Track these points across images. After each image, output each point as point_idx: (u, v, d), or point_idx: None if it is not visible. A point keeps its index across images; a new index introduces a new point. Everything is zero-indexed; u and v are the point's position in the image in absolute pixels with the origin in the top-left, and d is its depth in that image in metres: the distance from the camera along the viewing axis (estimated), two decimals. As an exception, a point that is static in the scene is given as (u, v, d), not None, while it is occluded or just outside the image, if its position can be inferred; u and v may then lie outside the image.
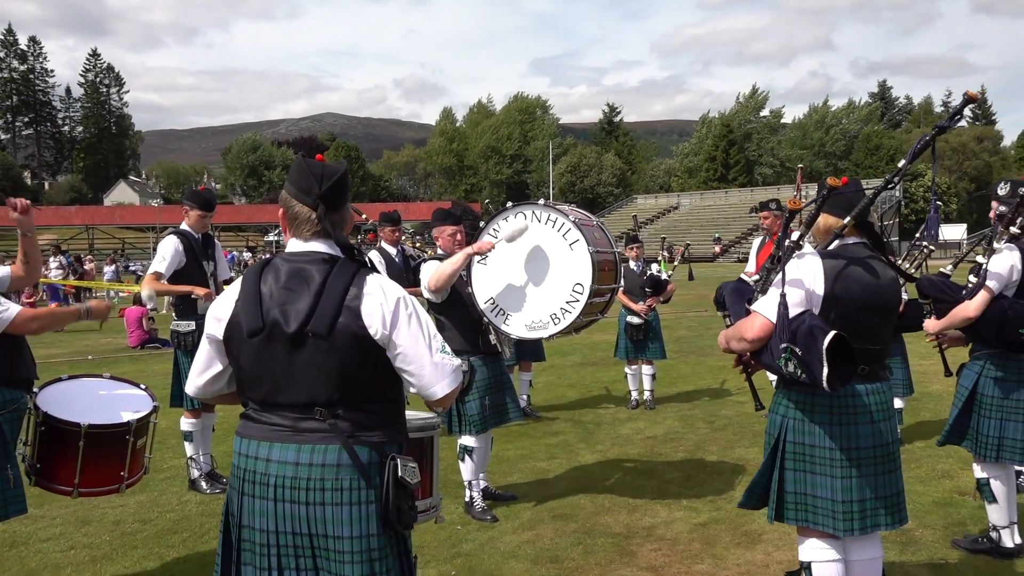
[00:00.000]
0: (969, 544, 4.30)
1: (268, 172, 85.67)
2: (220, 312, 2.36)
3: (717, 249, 52.72)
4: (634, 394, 8.41)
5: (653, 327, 8.23)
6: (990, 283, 3.93)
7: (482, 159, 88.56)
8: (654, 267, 8.42)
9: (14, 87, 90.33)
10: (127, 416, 4.01)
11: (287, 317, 2.25)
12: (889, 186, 3.01)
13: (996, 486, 4.15)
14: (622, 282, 4.99)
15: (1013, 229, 3.98)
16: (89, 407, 4.00)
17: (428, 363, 2.31)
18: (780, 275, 2.98)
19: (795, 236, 3.14)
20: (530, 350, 8.02)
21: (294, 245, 2.39)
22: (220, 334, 2.35)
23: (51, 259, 28.30)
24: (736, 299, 3.28)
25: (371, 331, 2.24)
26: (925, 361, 8.42)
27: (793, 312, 2.96)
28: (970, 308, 3.97)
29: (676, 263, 13.58)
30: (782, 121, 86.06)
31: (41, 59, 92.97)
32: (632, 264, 8.31)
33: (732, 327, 3.21)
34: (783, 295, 2.94)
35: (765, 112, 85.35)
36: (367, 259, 2.46)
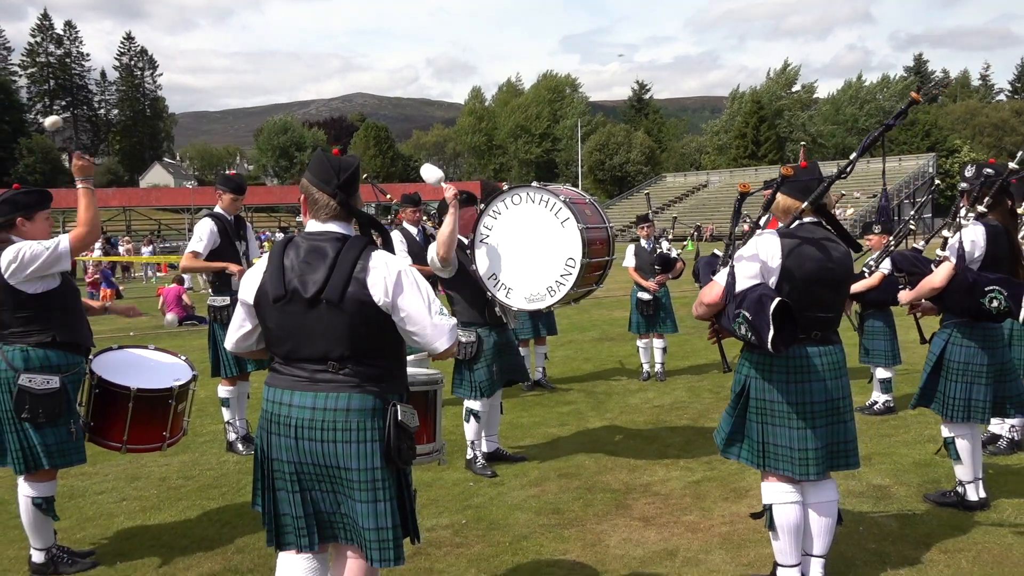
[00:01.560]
0: (938, 498, 4.66)
1: (299, 153, 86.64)
2: (251, 281, 2.81)
3: (746, 227, 52.43)
4: (645, 367, 8.80)
5: (663, 303, 8.59)
6: (953, 256, 4.26)
7: (511, 138, 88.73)
8: (664, 245, 8.76)
9: (51, 71, 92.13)
10: (170, 382, 4.48)
11: (305, 286, 2.67)
12: (842, 176, 3.35)
13: (961, 444, 4.50)
14: (614, 255, 5.35)
15: (980, 207, 4.30)
16: (137, 373, 4.48)
17: (428, 324, 2.72)
18: (736, 249, 3.37)
19: (763, 220, 3.51)
20: (544, 325, 8.43)
21: (313, 226, 2.82)
22: (251, 299, 2.80)
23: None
24: (706, 271, 3.67)
25: (375, 299, 2.66)
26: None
27: (750, 283, 3.34)
28: (936, 279, 4.31)
29: (702, 241, 13.86)
30: (814, 96, 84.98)
31: (77, 43, 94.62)
32: (643, 242, 8.67)
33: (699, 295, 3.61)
34: (732, 266, 3.34)
35: (797, 87, 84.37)
36: (387, 234, 2.89)
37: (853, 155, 3.31)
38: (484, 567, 4.05)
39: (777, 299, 3.21)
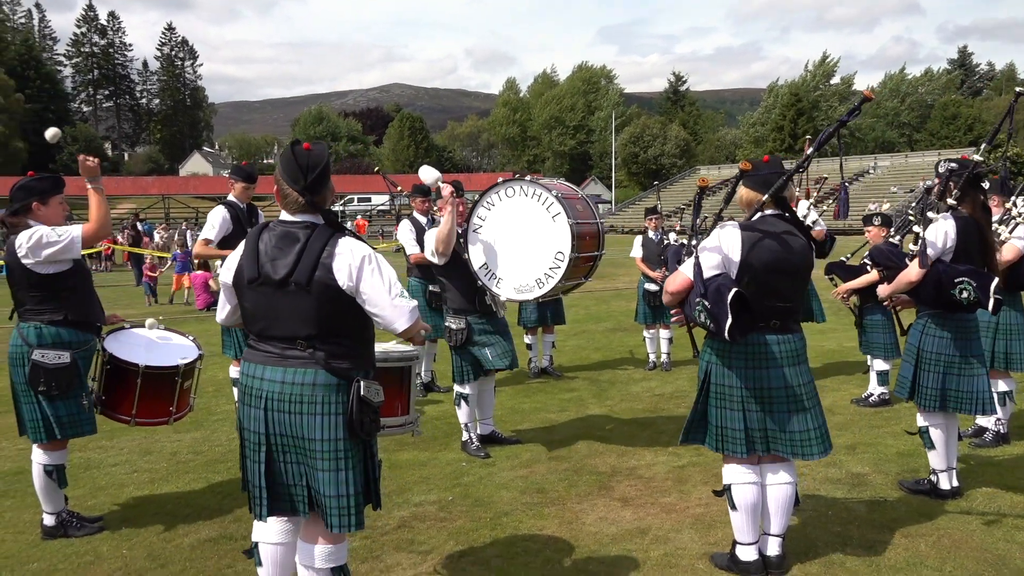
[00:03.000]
0: (912, 485, 4.77)
1: (334, 143, 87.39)
2: (231, 263, 3.05)
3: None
4: (651, 356, 8.94)
5: (670, 294, 8.69)
6: (927, 251, 4.36)
7: (545, 130, 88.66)
8: (672, 236, 8.88)
9: (95, 61, 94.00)
10: (177, 360, 4.75)
11: (276, 269, 2.90)
12: (799, 170, 3.49)
13: (935, 433, 4.61)
14: (604, 250, 5.51)
15: (950, 200, 4.40)
16: (146, 351, 4.75)
17: (388, 305, 2.93)
18: (699, 241, 3.53)
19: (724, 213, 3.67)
20: (552, 314, 8.61)
21: (284, 215, 3.04)
22: (230, 280, 3.04)
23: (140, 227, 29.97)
24: (673, 260, 3.84)
25: (340, 282, 2.88)
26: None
27: (711, 273, 3.50)
28: (911, 273, 4.42)
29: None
30: (852, 88, 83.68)
31: (120, 33, 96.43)
32: (651, 234, 8.80)
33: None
34: (697, 257, 3.50)
35: (836, 80, 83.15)
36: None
37: (810, 150, 3.45)
38: (463, 539, 4.26)
39: (734, 289, 3.37)
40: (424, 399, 7.50)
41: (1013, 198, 5.50)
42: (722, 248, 3.56)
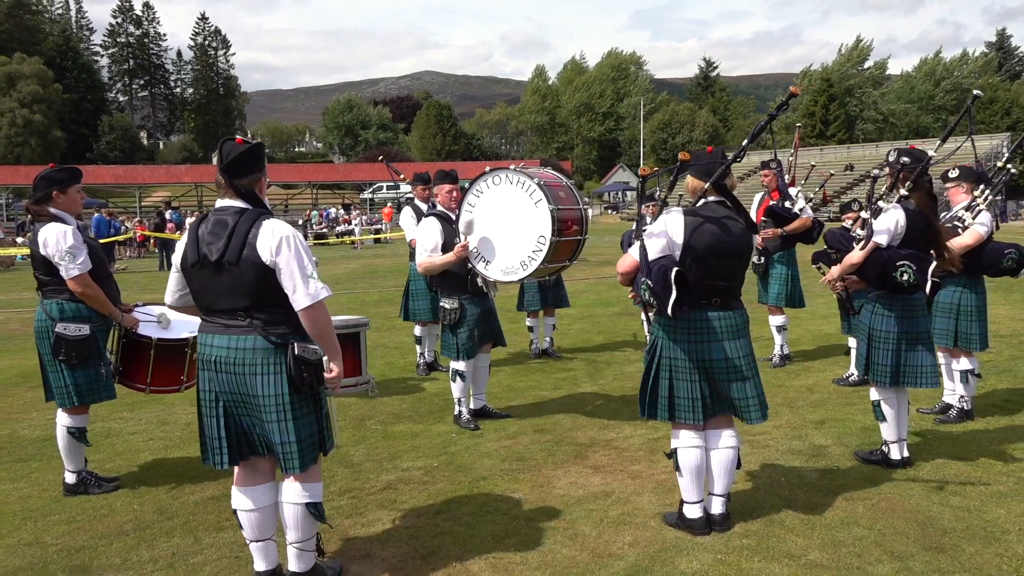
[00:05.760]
0: (866, 455, 5.08)
1: (364, 132, 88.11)
2: (179, 249, 3.51)
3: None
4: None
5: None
6: (878, 237, 4.66)
7: (574, 116, 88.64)
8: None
9: (130, 51, 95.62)
10: (186, 334, 5.20)
11: (211, 252, 3.33)
12: (737, 159, 3.81)
13: (885, 407, 4.91)
14: (588, 235, 5.85)
15: (902, 191, 4.69)
16: (159, 327, 5.22)
17: (299, 283, 3.30)
18: (647, 226, 3.87)
19: (669, 199, 3.99)
20: (553, 297, 8.96)
21: (219, 203, 3.47)
22: (178, 264, 3.51)
23: (166, 214, 30.78)
24: (626, 244, 4.19)
25: (264, 259, 3.29)
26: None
27: (656, 255, 3.85)
28: (855, 256, 4.73)
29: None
30: (886, 73, 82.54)
31: (155, 23, 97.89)
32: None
33: None
34: (643, 241, 3.85)
35: (869, 64, 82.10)
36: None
37: (744, 142, 3.77)
38: (440, 500, 4.66)
39: (675, 269, 3.72)
40: (427, 377, 7.91)
41: (981, 186, 5.74)
42: (667, 232, 3.90)
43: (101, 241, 21.79)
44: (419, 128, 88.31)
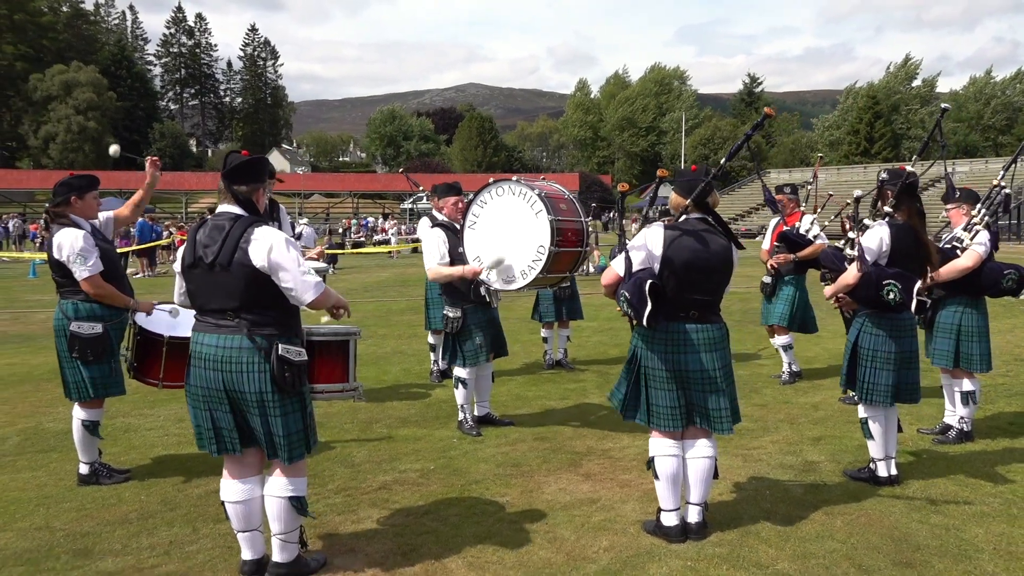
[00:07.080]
0: (854, 473, 5.12)
1: (406, 142, 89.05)
2: (180, 253, 3.73)
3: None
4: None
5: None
6: (864, 255, 4.72)
7: (616, 131, 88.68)
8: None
9: (182, 61, 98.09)
10: (197, 333, 5.44)
11: (207, 255, 3.54)
12: (715, 176, 3.93)
13: (873, 425, 4.95)
14: (587, 248, 5.98)
15: (886, 208, 4.76)
16: (170, 324, 5.46)
17: (298, 280, 3.50)
18: (629, 240, 4.02)
19: (651, 213, 4.12)
20: (567, 310, 9.08)
21: (218, 208, 3.69)
22: (179, 267, 3.73)
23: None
24: (612, 257, 4.32)
25: (256, 264, 3.48)
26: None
27: (637, 267, 3.98)
28: (849, 276, 4.79)
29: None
30: (935, 91, 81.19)
31: (207, 34, 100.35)
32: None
33: None
34: (627, 254, 3.98)
35: (918, 82, 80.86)
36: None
37: (723, 160, 3.88)
38: (431, 500, 4.82)
39: (650, 281, 3.84)
40: (438, 384, 8.09)
41: (978, 206, 5.76)
42: (647, 245, 4.03)
43: (143, 246, 22.56)
44: (460, 140, 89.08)
